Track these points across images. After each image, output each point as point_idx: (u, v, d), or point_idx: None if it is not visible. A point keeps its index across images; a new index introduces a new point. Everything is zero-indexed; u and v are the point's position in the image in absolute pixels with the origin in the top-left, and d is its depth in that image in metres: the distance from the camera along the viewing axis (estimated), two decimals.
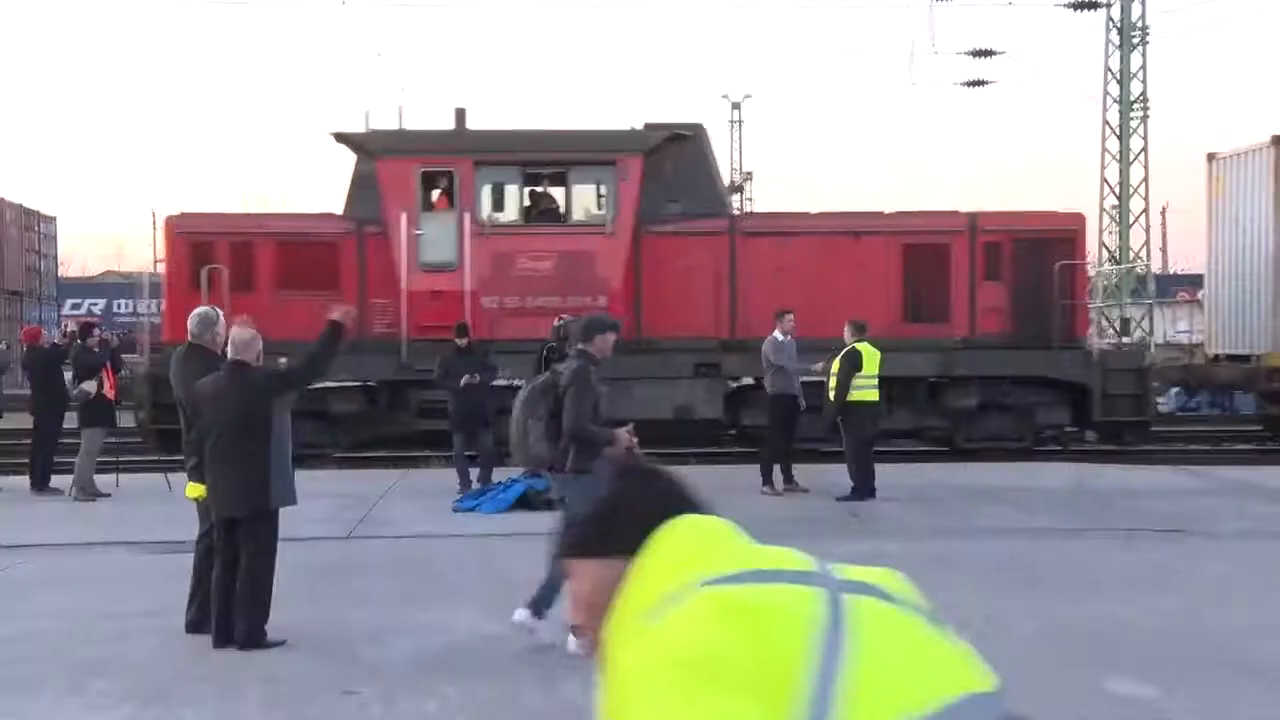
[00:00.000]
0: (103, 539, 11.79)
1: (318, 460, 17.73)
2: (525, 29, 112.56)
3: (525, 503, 13.22)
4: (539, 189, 18.99)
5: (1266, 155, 19.46)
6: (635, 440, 7.78)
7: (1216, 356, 20.87)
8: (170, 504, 13.34)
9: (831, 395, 14.19)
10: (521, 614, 7.50)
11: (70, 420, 14.93)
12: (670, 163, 18.66)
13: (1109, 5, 34.00)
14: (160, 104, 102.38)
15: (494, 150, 18.46)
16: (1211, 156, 20.96)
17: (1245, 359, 19.96)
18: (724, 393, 18.22)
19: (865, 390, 14.08)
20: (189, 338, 8.40)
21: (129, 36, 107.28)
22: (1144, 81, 33.56)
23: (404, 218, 18.02)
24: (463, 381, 14.41)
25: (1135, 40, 33.64)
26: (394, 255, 18.07)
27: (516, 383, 17.56)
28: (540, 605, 7.51)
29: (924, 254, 18.82)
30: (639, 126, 19.13)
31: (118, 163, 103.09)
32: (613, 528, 2.14)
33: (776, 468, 14.55)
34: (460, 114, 18.71)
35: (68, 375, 15.00)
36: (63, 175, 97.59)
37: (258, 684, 6.92)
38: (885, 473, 14.38)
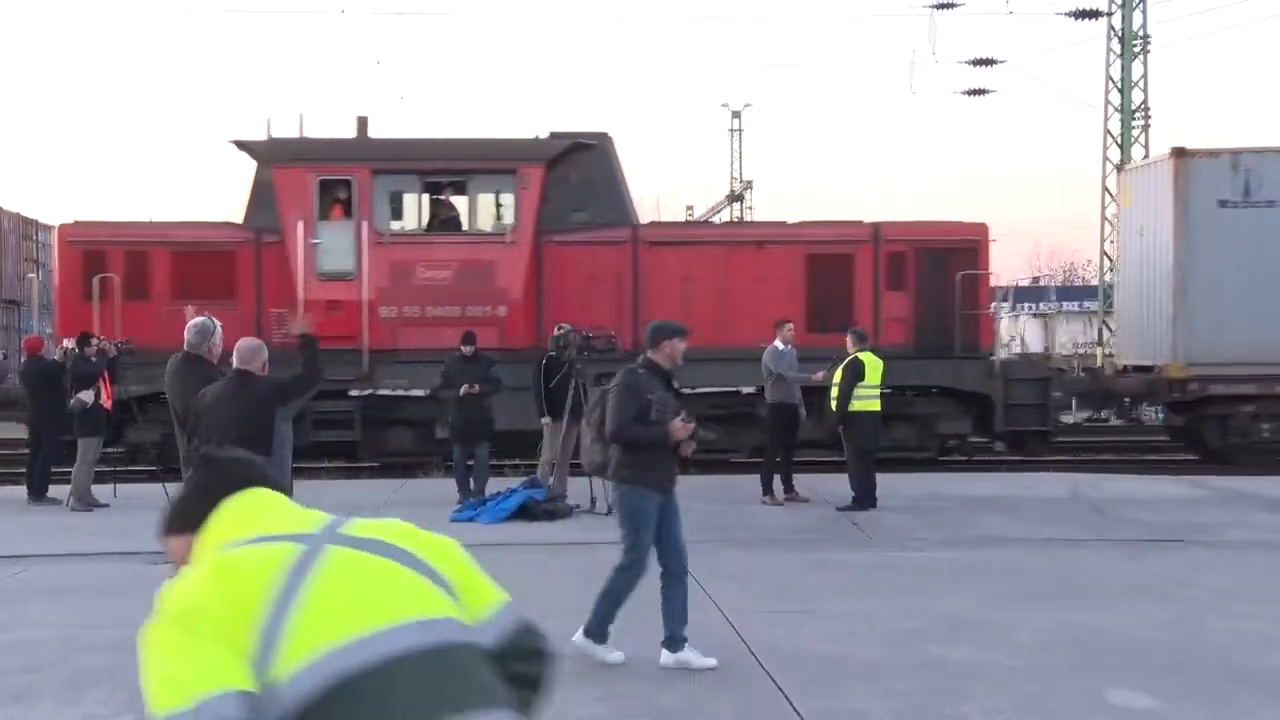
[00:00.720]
0: (100, 549, 11.77)
1: (311, 471, 17.72)
2: (525, 36, 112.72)
3: (524, 513, 13.21)
4: (439, 198, 18.92)
5: (1167, 167, 19.48)
6: (693, 427, 7.59)
7: (1125, 367, 20.88)
8: None
9: (834, 404, 14.18)
10: (577, 636, 7.39)
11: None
12: (576, 172, 18.70)
13: (1110, 14, 34.00)
14: (161, 113, 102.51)
15: (392, 159, 18.42)
16: (1120, 168, 20.98)
17: (1150, 369, 20.00)
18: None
19: (867, 400, 14.08)
20: (185, 348, 8.38)
21: (132, 44, 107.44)
22: (1145, 90, 33.54)
23: (301, 226, 17.98)
24: (461, 391, 14.36)
25: (1136, 49, 33.63)
26: (291, 264, 18.01)
27: (416, 392, 17.60)
28: (598, 629, 7.43)
29: (827, 264, 18.89)
30: (544, 135, 19.08)
31: (118, 171, 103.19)
32: (187, 508, 2.59)
33: (777, 477, 14.53)
34: (362, 122, 18.68)
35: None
36: (64, 184, 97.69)
37: None
38: (885, 482, 14.36)
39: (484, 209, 19.12)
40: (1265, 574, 10.54)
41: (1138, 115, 33.39)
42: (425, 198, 18.92)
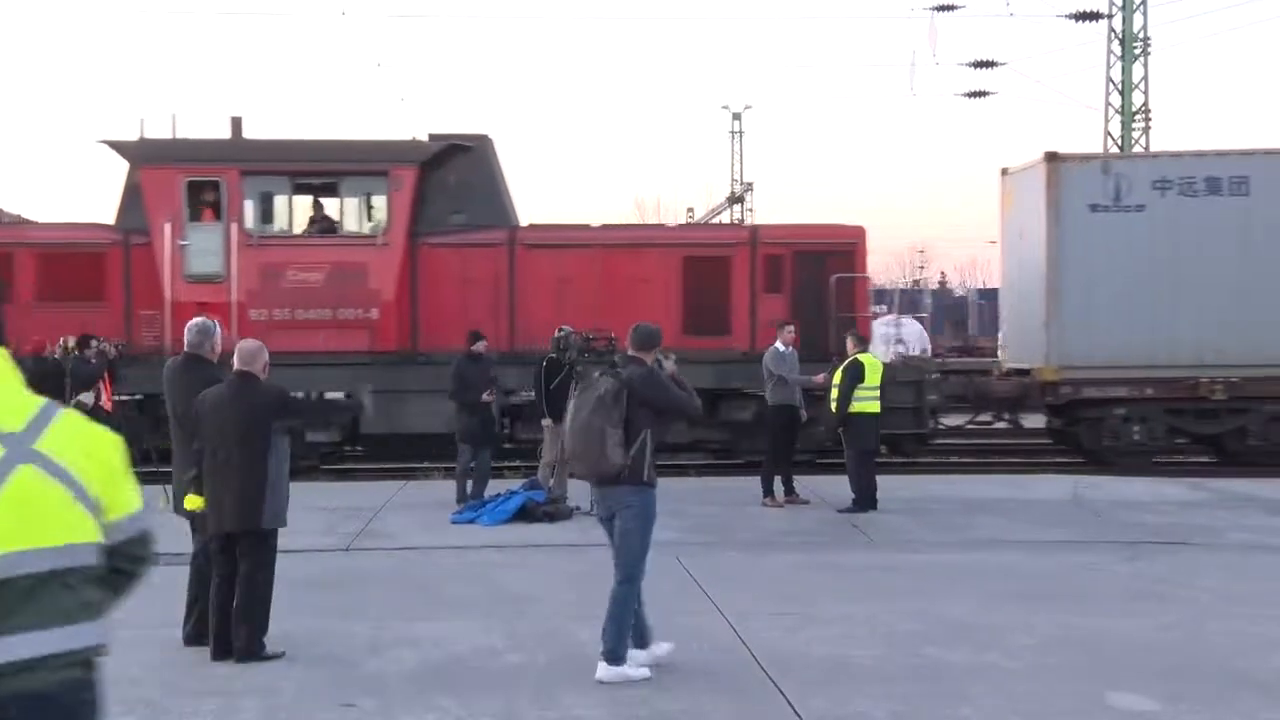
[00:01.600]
0: None
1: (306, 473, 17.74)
2: (524, 38, 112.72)
3: (525, 515, 13.21)
4: (310, 199, 18.75)
5: (1040, 172, 19.53)
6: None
7: (1008, 370, 20.91)
8: (167, 516, 13.32)
9: (834, 406, 14.20)
10: (603, 670, 7.21)
11: None
12: (454, 174, 18.62)
13: (1110, 16, 34.03)
14: (161, 113, 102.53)
15: (262, 160, 18.20)
16: (1005, 171, 20.96)
17: (1027, 373, 20.05)
18: (502, 405, 17.74)
19: (867, 402, 14.09)
20: (185, 348, 8.38)
21: (130, 44, 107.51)
22: (1145, 92, 33.57)
23: (168, 228, 17.82)
24: (485, 396, 14.34)
25: (1137, 51, 33.65)
26: (158, 267, 17.83)
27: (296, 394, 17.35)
28: (613, 650, 7.28)
29: (704, 267, 18.81)
30: (423, 137, 18.92)
31: (116, 172, 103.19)
32: None
33: (778, 479, 14.53)
34: (236, 123, 18.51)
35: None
36: (62, 184, 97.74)
37: (256, 696, 6.90)
38: (885, 484, 14.37)
39: (356, 211, 18.92)
40: (1265, 576, 10.54)
41: (1138, 117, 33.40)
42: (296, 199, 18.69)
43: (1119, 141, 33.31)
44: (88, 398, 14.33)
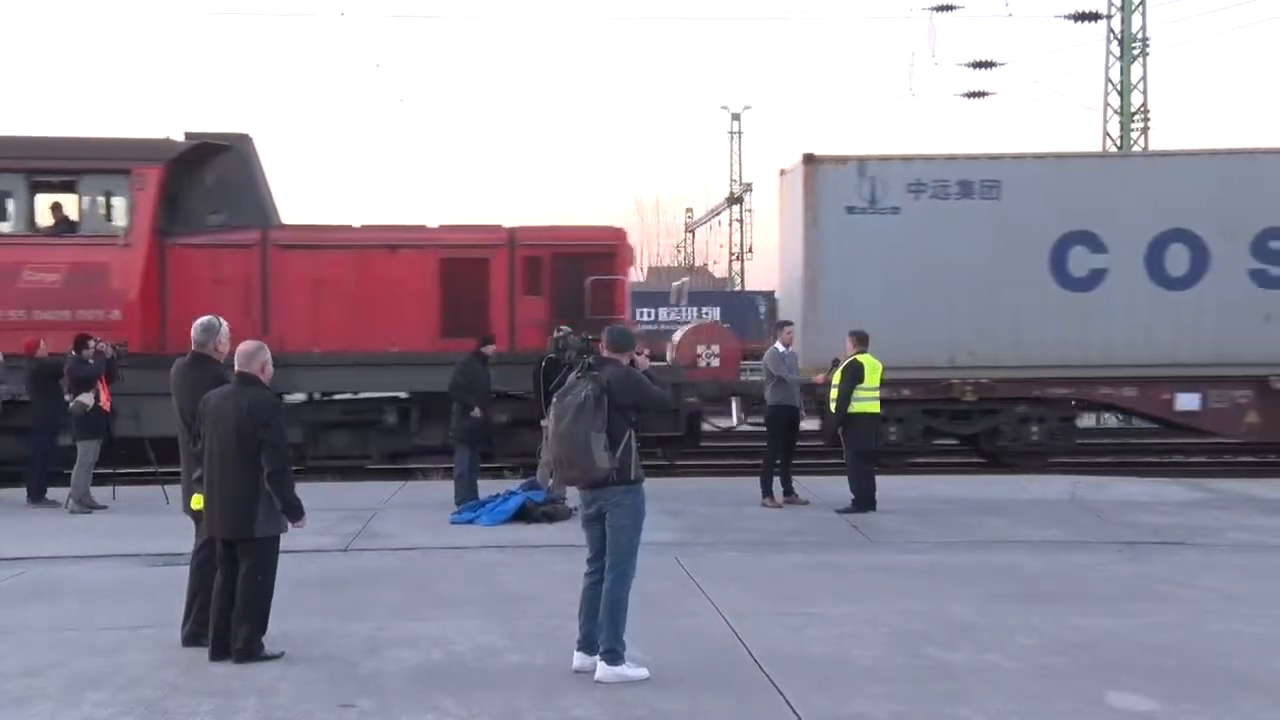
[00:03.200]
0: (99, 551, 11.77)
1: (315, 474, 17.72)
2: (522, 38, 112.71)
3: (523, 515, 13.22)
4: (48, 197, 18.36)
5: (799, 174, 19.57)
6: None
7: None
8: (167, 516, 13.31)
9: (833, 407, 14.21)
10: (602, 670, 7.23)
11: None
12: (212, 174, 18.49)
13: (1109, 16, 34.04)
14: (160, 112, 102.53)
15: None
16: (782, 172, 20.93)
17: None
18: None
19: (866, 402, 14.11)
20: (193, 346, 8.38)
21: (129, 44, 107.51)
22: (1144, 93, 33.57)
23: None
24: (473, 413, 14.34)
25: (1136, 51, 33.66)
26: None
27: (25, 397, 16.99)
28: (612, 650, 7.27)
29: (463, 268, 18.72)
30: (180, 136, 18.65)
31: None
32: None
33: (776, 479, 14.53)
34: None
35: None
36: None
37: (255, 696, 6.89)
38: (884, 485, 14.39)
39: (97, 210, 18.48)
40: (1265, 576, 10.54)
41: (1137, 118, 33.40)
42: (32, 197, 18.23)
43: (1118, 142, 33.34)
44: (87, 398, 14.31)
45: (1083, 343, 18.86)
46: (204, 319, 8.51)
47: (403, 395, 18.57)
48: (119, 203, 18.15)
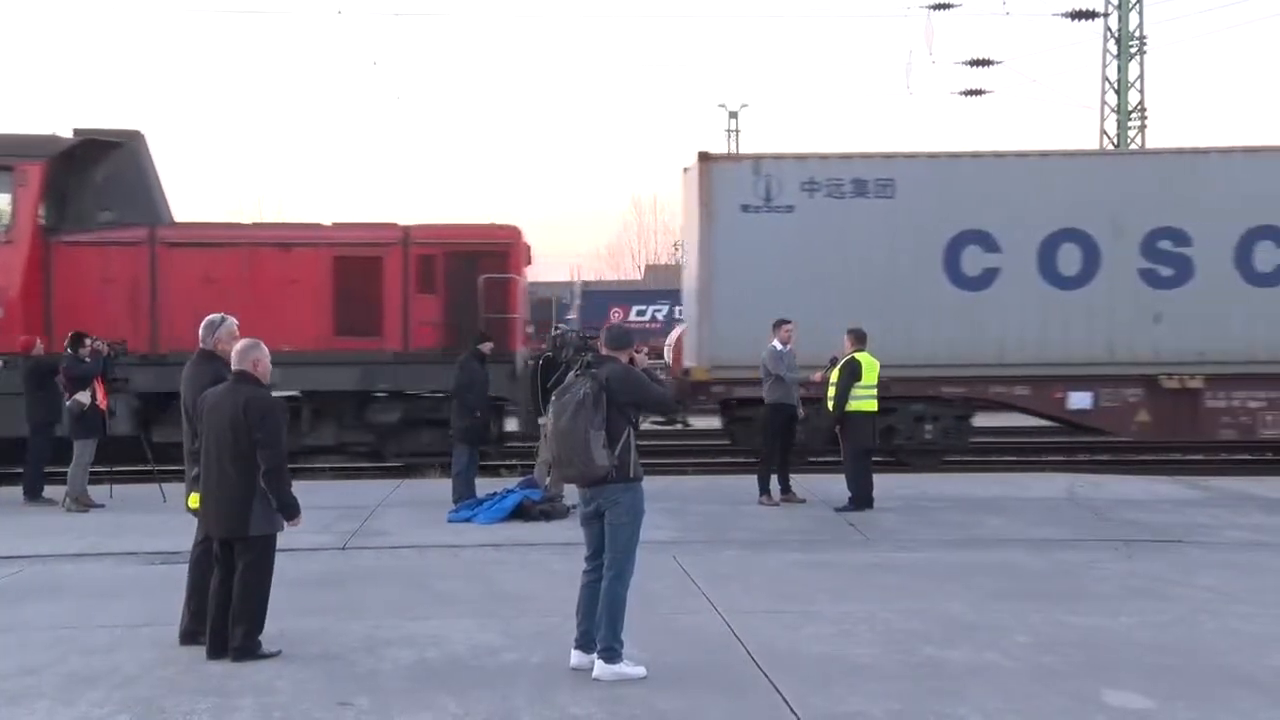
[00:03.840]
0: (96, 550, 11.77)
1: (312, 471, 17.71)
2: (522, 37, 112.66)
3: (521, 513, 13.22)
4: None
5: (695, 172, 19.56)
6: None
7: (687, 370, 20.90)
8: (164, 514, 13.33)
9: (831, 405, 14.22)
10: (600, 668, 7.23)
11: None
12: (102, 171, 18.38)
13: (1107, 15, 34.07)
14: (159, 112, 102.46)
15: None
16: (686, 170, 20.92)
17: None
18: (135, 407, 17.43)
19: (864, 400, 14.11)
20: (199, 343, 8.41)
21: (128, 44, 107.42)
22: (1141, 91, 33.61)
23: None
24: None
25: (1133, 50, 33.69)
26: None
27: None
28: (609, 648, 7.27)
29: (356, 266, 18.63)
30: (68, 132, 18.52)
31: None
32: None
33: (774, 478, 14.54)
34: None
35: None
36: None
37: (252, 695, 6.89)
38: (881, 483, 14.38)
39: None
40: (1262, 575, 10.55)
41: (1134, 116, 33.43)
42: None
43: (1114, 140, 33.36)
44: (84, 397, 14.30)
45: (976, 342, 18.80)
46: (210, 316, 8.54)
47: (295, 394, 18.30)
48: (1, 199, 17.98)
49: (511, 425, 19.46)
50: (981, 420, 20.46)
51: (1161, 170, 19.41)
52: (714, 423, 21.25)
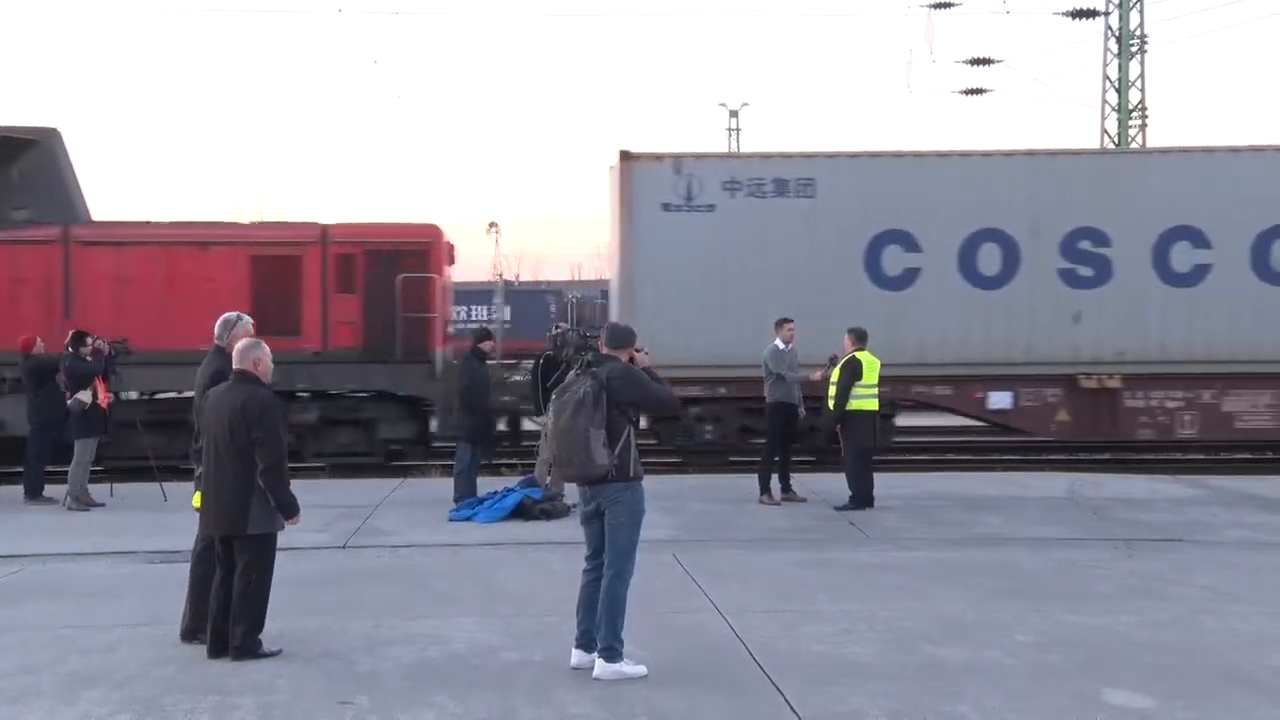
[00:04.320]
0: (96, 549, 11.76)
1: (311, 470, 17.70)
2: (522, 36, 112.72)
3: (521, 512, 13.22)
4: None
5: (618, 171, 19.54)
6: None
7: None
8: (164, 513, 13.34)
9: (831, 404, 14.22)
10: (600, 667, 7.23)
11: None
12: (16, 169, 18.31)
13: (1107, 13, 34.06)
14: (158, 111, 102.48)
15: None
16: (611, 169, 20.90)
17: None
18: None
19: (865, 399, 14.12)
20: (214, 339, 8.45)
21: (127, 43, 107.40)
22: (1142, 89, 33.61)
23: None
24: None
25: (1134, 48, 33.69)
26: None
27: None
28: (610, 647, 7.27)
29: (274, 265, 18.61)
30: None
31: (114, 169, 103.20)
32: None
33: (774, 477, 14.54)
34: None
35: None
36: None
37: (252, 694, 6.89)
38: (882, 482, 14.39)
39: None
40: (1261, 574, 10.55)
41: (1135, 115, 33.43)
42: None
43: (1115, 139, 33.34)
44: (85, 396, 14.29)
45: (897, 341, 18.62)
46: (225, 314, 8.60)
47: None
48: None
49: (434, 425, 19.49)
50: (907, 420, 20.56)
51: (1081, 171, 19.50)
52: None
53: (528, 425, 19.54)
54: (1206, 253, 19.10)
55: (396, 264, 18.61)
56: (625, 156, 19.41)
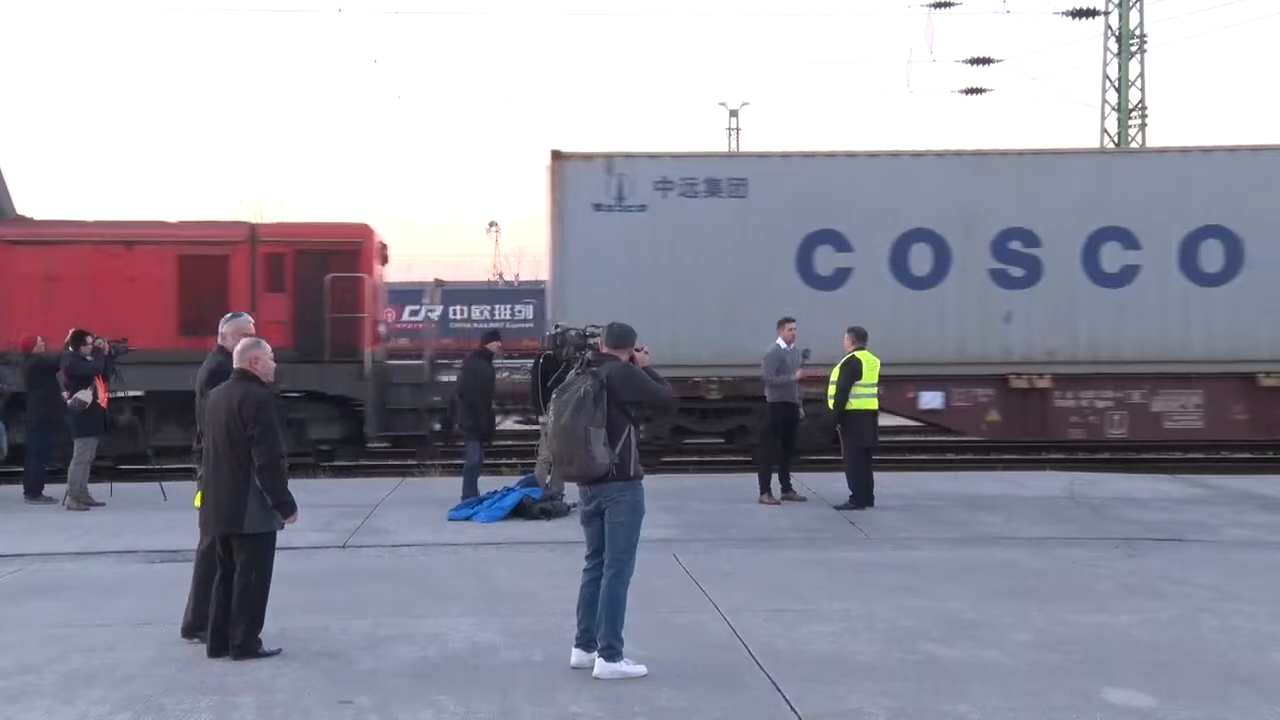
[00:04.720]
0: (96, 548, 11.77)
1: (311, 469, 17.69)
2: (522, 35, 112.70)
3: (521, 511, 13.21)
4: None
5: (549, 171, 19.52)
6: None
7: None
8: (164, 512, 13.35)
9: (831, 403, 14.23)
10: (600, 667, 7.23)
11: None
12: None
13: (1107, 13, 34.05)
14: (159, 111, 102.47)
15: None
16: (546, 169, 20.87)
17: None
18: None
19: (864, 399, 14.11)
20: (218, 340, 8.49)
21: (127, 43, 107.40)
22: (1142, 89, 33.60)
23: None
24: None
25: (1133, 48, 33.68)
26: None
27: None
28: (610, 646, 7.27)
29: (202, 265, 18.63)
30: None
31: (115, 169, 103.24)
32: None
33: (774, 476, 14.54)
34: None
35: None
36: (63, 182, 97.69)
37: (252, 693, 6.89)
38: (882, 481, 14.39)
39: None
40: (1262, 573, 10.55)
41: (1135, 114, 33.43)
42: None
43: (1115, 138, 33.34)
44: (85, 395, 14.29)
45: (828, 341, 18.78)
46: (231, 314, 8.66)
47: (139, 394, 18.16)
48: None
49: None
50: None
51: (1012, 172, 19.50)
52: None
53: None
54: (1136, 253, 19.19)
55: (327, 264, 18.67)
56: (556, 156, 19.37)
